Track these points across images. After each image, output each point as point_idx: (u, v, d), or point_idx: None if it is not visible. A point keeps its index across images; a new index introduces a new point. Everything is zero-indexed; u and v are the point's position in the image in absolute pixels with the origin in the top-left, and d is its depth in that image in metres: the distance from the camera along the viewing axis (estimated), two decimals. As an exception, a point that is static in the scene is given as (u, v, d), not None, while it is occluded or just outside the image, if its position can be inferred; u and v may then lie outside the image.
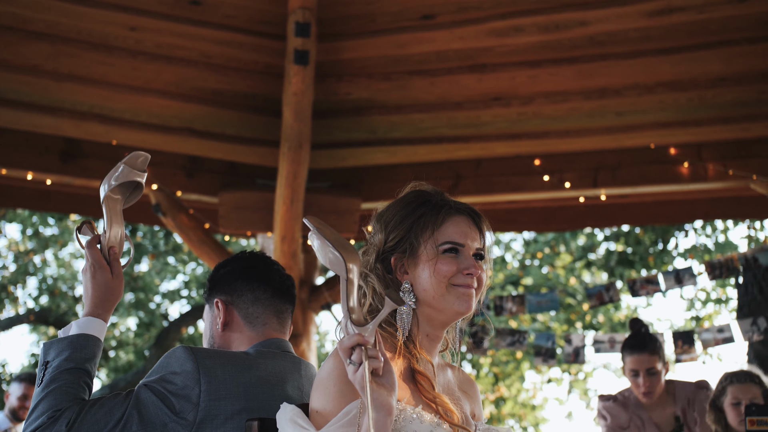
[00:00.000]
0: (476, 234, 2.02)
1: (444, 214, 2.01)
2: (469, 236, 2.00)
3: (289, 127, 5.73)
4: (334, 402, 1.80)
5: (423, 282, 1.96)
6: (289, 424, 1.83)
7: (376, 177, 6.44)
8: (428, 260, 1.96)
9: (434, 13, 5.50)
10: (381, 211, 2.13)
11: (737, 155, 5.88)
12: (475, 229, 2.02)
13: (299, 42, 5.44)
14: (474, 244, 2.00)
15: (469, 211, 2.04)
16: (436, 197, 2.07)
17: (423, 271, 1.96)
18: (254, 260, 2.62)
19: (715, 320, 12.89)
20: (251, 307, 2.52)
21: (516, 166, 6.16)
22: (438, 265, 1.95)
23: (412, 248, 1.99)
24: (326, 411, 1.80)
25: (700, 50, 5.54)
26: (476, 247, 2.01)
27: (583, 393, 15.18)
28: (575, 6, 5.35)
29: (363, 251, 2.09)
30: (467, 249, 1.98)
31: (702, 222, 11.79)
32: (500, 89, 5.95)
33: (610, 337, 6.14)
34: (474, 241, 2.01)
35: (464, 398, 2.07)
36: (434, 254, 1.96)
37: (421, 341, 1.98)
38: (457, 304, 1.95)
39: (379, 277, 2.01)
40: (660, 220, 8.64)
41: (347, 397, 1.79)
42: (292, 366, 2.44)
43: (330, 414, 1.79)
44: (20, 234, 13.11)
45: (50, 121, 5.79)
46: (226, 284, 2.56)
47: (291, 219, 5.86)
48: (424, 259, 1.97)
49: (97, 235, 2.41)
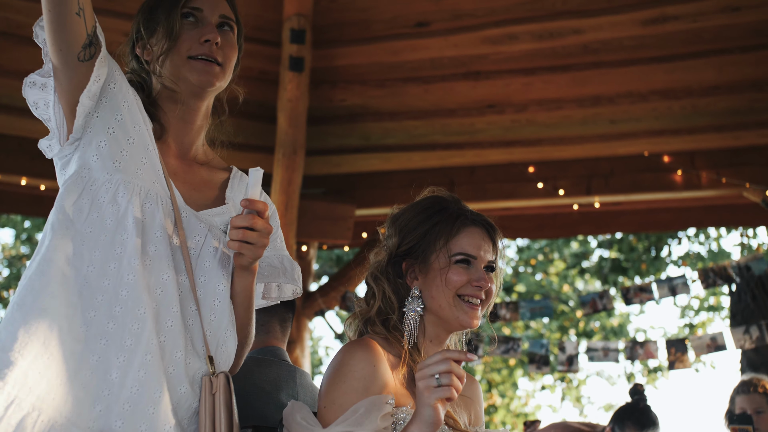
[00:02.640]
0: (489, 246, 2.03)
1: (459, 224, 2.02)
2: (482, 248, 2.01)
3: (283, 133, 5.73)
4: (344, 398, 1.80)
5: (432, 290, 1.97)
6: (295, 423, 1.83)
7: (370, 183, 6.44)
8: (440, 269, 1.97)
9: (428, 21, 5.52)
10: (396, 214, 2.14)
11: (730, 163, 5.90)
12: (488, 241, 2.03)
13: (294, 49, 5.45)
14: (486, 256, 2.01)
15: (485, 223, 2.06)
16: (452, 205, 2.08)
17: (433, 279, 1.98)
18: None
19: (708, 328, 12.91)
20: (260, 314, 2.52)
21: (510, 173, 6.17)
22: (449, 274, 1.96)
23: (424, 255, 2.00)
24: (335, 407, 1.81)
25: (694, 59, 5.56)
26: (488, 259, 2.02)
27: (576, 400, 15.17)
28: (569, 14, 5.37)
29: (375, 252, 2.10)
30: (479, 261, 2.00)
31: (695, 230, 11.82)
32: (494, 96, 5.96)
33: (604, 344, 6.15)
34: (487, 253, 2.02)
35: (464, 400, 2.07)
36: (446, 264, 1.97)
37: (426, 348, 1.99)
38: (462, 318, 1.96)
39: (389, 281, 2.02)
40: (653, 228, 8.66)
41: (357, 395, 1.80)
42: (287, 374, 2.44)
43: (339, 410, 1.80)
44: (13, 239, 13.07)
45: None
46: None
47: (285, 225, 5.85)
48: (435, 267, 1.98)
49: None
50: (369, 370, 1.84)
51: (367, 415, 1.75)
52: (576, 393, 15.15)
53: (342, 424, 1.76)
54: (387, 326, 1.99)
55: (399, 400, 1.87)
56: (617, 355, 6.11)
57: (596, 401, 18.24)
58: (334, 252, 12.08)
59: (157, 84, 1.93)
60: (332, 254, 12.25)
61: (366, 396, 1.79)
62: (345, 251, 11.23)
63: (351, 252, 10.07)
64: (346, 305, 6.43)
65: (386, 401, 1.80)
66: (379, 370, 1.85)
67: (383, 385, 1.84)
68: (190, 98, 1.94)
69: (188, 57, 1.89)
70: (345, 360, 1.85)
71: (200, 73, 1.90)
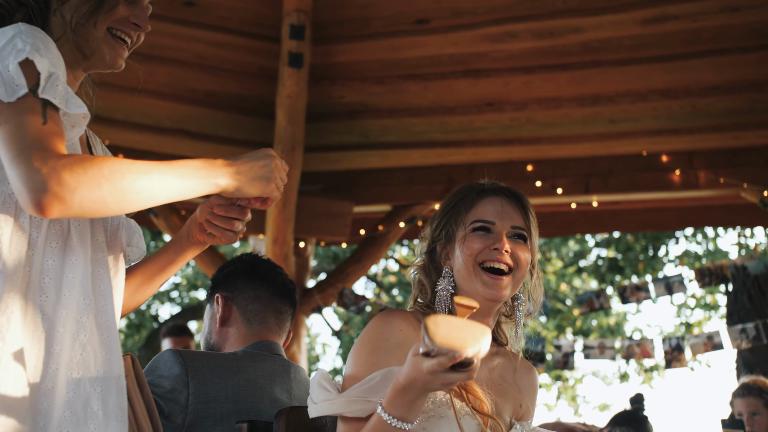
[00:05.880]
0: (515, 213, 1.99)
1: (476, 195, 2.01)
2: (503, 216, 1.97)
3: (282, 129, 5.73)
4: (362, 368, 1.83)
5: (457, 264, 1.97)
6: (316, 386, 1.85)
7: (368, 180, 6.44)
8: (460, 240, 1.97)
9: (428, 18, 5.51)
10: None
11: (728, 163, 5.91)
12: (513, 208, 2.00)
13: (293, 45, 5.45)
14: (508, 223, 1.97)
15: (506, 191, 2.03)
16: (480, 186, 2.06)
17: (456, 252, 1.97)
18: (258, 261, 2.64)
19: (705, 327, 12.93)
20: (251, 305, 2.52)
21: (508, 172, 6.17)
22: (467, 242, 1.95)
23: (449, 233, 2.00)
24: (353, 375, 1.83)
25: (693, 59, 5.56)
26: (511, 225, 1.98)
27: (571, 400, 15.19)
28: (570, 13, 5.36)
29: (419, 245, 2.11)
30: (499, 227, 1.96)
31: (693, 229, 11.83)
32: (493, 95, 5.95)
33: (600, 343, 6.15)
34: (509, 220, 1.98)
35: (513, 391, 2.03)
36: (464, 233, 1.96)
37: None
38: (483, 289, 1.91)
39: (422, 267, 2.04)
40: (651, 227, 8.66)
41: (374, 365, 1.81)
42: (281, 369, 2.44)
43: (357, 378, 1.82)
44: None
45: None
46: (228, 282, 2.57)
47: (283, 222, 5.85)
48: (458, 240, 1.98)
49: None
50: (394, 333, 1.86)
51: (382, 384, 1.75)
52: (572, 392, 15.17)
53: (356, 390, 1.78)
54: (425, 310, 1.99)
55: None
56: (613, 353, 6.12)
57: (591, 401, 18.26)
58: (332, 249, 12.09)
59: (59, 30, 1.74)
60: (330, 251, 12.26)
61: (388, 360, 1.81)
62: (343, 248, 11.23)
63: (349, 249, 10.07)
64: (343, 302, 6.43)
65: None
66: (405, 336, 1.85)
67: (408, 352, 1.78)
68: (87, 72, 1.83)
69: (108, 29, 1.78)
70: (373, 324, 1.89)
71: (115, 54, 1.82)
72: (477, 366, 1.52)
